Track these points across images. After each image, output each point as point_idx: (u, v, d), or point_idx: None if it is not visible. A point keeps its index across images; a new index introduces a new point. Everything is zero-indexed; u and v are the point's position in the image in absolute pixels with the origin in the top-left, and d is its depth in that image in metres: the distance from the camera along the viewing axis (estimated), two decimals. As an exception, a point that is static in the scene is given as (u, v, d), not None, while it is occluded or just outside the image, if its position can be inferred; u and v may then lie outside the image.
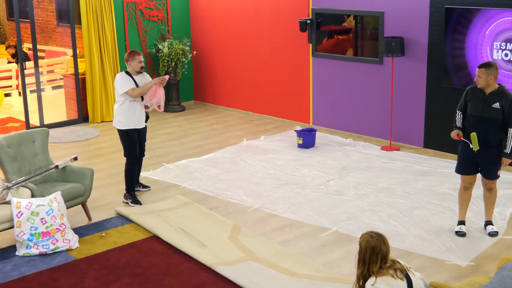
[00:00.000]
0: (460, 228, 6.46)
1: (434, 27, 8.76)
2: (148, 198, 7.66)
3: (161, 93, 7.37)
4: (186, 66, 12.26)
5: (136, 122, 7.41)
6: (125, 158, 7.58)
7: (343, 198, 7.51)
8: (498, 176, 6.35)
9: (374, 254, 4.03)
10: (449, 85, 8.68)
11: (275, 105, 11.18)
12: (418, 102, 9.15)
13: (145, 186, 7.96)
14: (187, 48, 11.83)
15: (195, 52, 12.25)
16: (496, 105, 6.10)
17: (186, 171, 8.57)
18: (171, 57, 11.62)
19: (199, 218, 6.99)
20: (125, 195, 7.56)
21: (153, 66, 12.00)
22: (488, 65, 6.12)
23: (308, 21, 10.18)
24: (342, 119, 10.18)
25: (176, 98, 12.12)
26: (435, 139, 9.08)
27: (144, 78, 7.45)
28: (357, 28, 10.00)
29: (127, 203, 7.49)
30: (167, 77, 7.41)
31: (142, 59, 7.35)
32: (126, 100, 7.31)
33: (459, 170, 6.48)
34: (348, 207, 7.24)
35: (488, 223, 6.50)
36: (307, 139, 9.50)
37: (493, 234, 6.40)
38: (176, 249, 6.27)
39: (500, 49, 8.05)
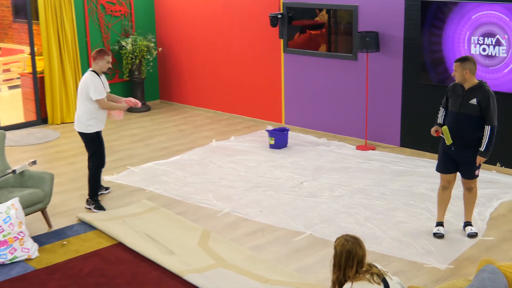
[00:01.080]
0: (438, 230, 6.54)
1: (410, 21, 8.85)
2: (112, 203, 7.62)
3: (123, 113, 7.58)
4: (151, 64, 12.22)
5: (103, 123, 7.44)
6: (87, 162, 7.54)
7: (317, 201, 7.55)
8: (477, 176, 6.44)
9: (349, 258, 4.05)
10: (426, 82, 8.78)
11: (246, 104, 11.20)
12: (394, 100, 9.24)
13: (106, 188, 7.97)
14: (152, 44, 11.79)
15: (160, 48, 12.21)
16: (473, 101, 6.19)
17: (152, 175, 8.53)
18: (135, 54, 11.56)
19: (166, 223, 6.97)
20: (87, 200, 7.54)
21: (116, 64, 11.93)
22: (464, 59, 6.22)
23: (279, 16, 10.21)
24: (316, 118, 10.23)
25: (141, 98, 12.07)
26: (412, 137, 9.17)
27: (105, 79, 7.44)
28: (330, 23, 10.06)
29: (89, 209, 7.46)
30: (139, 104, 7.61)
31: (111, 60, 7.34)
32: (86, 104, 7.28)
33: (439, 168, 6.56)
34: (322, 210, 7.27)
35: (467, 224, 6.59)
36: (279, 139, 9.52)
37: (472, 235, 6.49)
38: (143, 257, 6.24)
39: (478, 43, 8.16)
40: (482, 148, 6.22)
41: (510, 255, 6.12)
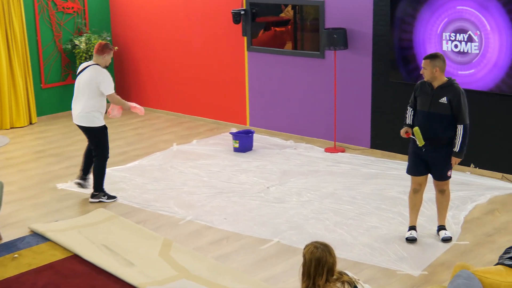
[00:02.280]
0: (411, 234, 6.61)
1: (379, 17, 8.94)
2: (66, 212, 7.55)
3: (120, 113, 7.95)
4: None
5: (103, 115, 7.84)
6: (92, 155, 7.88)
7: (284, 206, 7.57)
8: (449, 177, 6.53)
9: (319, 266, 4.07)
10: (397, 80, 8.87)
11: (208, 105, 11.19)
12: (363, 99, 9.32)
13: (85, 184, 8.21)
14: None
15: (116, 47, 12.13)
16: (444, 99, 6.28)
17: (109, 181, 8.47)
18: (89, 53, 11.48)
19: (125, 233, 6.93)
20: (95, 195, 7.82)
21: (69, 64, 11.83)
22: (433, 56, 6.30)
23: (242, 12, 10.23)
24: (282, 119, 10.27)
25: (96, 100, 11.98)
26: (383, 139, 9.26)
27: None
28: (296, 19, 10.11)
29: (100, 201, 7.79)
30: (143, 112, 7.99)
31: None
32: (103, 96, 7.63)
33: (410, 170, 6.63)
34: (290, 216, 7.30)
35: (441, 228, 6.67)
36: (244, 142, 9.53)
37: (446, 239, 6.57)
38: (100, 269, 6.19)
39: (450, 40, 8.28)
40: (456, 149, 6.30)
41: (485, 260, 6.21)
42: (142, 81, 12.14)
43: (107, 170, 8.82)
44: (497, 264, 4.61)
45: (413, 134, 6.43)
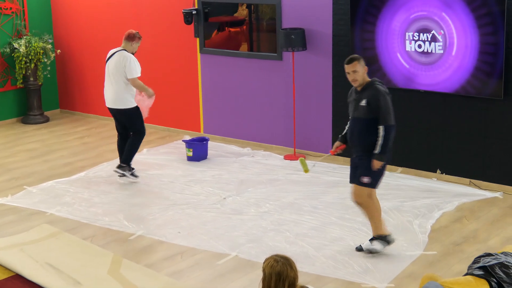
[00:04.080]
0: (360, 244, 6.69)
1: (338, 16, 9.02)
2: (7, 229, 7.46)
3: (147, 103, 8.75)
4: (49, 68, 12.02)
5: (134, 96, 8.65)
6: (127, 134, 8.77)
7: (242, 218, 7.58)
8: (364, 184, 6.43)
9: (280, 281, 4.08)
10: (358, 82, 8.94)
11: (159, 111, 11.15)
12: (324, 103, 9.38)
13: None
14: (49, 46, 11.61)
15: (59, 50, 12.03)
16: (363, 102, 6.39)
17: (53, 195, 8.39)
18: (30, 57, 11.36)
19: (71, 250, 6.87)
20: (121, 166, 8.67)
21: (7, 69, 11.69)
22: (359, 57, 6.43)
23: (194, 12, 10.24)
24: (238, 126, 10.28)
25: (38, 107, 11.86)
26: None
27: None
28: (251, 19, 10.15)
29: (123, 175, 8.63)
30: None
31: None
32: (124, 80, 8.47)
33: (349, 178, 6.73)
34: (248, 228, 7.31)
35: (371, 239, 6.66)
36: (197, 151, 9.52)
37: (363, 249, 6.59)
38: (44, 290, 6.13)
39: (413, 40, 8.39)
40: (376, 150, 6.32)
41: (454, 270, 6.29)
42: (87, 86, 12.04)
43: (50, 183, 8.79)
44: (466, 274, 4.67)
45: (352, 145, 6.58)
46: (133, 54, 8.60)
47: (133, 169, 8.75)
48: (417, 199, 7.91)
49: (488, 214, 7.57)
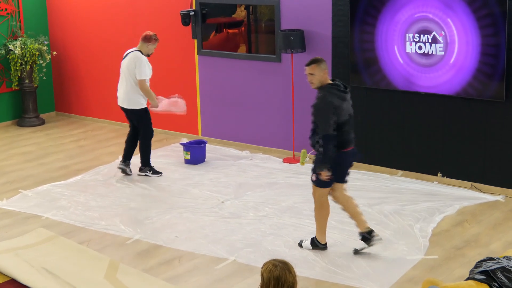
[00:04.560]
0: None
1: (338, 17, 9.03)
2: (2, 233, 7.45)
3: (179, 104, 9.24)
4: (45, 70, 12.02)
5: (145, 98, 8.96)
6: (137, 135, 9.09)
7: (241, 222, 7.58)
8: (313, 181, 6.68)
9: (278, 286, 4.08)
10: (359, 84, 8.96)
11: (156, 114, 11.12)
12: (323, 105, 9.37)
13: (130, 171, 9.14)
14: (45, 47, 11.61)
15: (55, 52, 12.03)
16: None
17: (48, 199, 8.39)
18: (25, 59, 11.36)
19: (67, 255, 6.86)
20: (142, 169, 9.07)
21: (2, 71, 11.69)
22: (319, 60, 6.60)
23: (192, 13, 10.24)
24: (237, 128, 10.29)
25: (33, 110, 11.86)
26: (345, 147, 9.33)
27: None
28: (249, 20, 10.16)
29: (145, 175, 9.01)
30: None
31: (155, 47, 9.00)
32: (135, 80, 8.79)
33: None
34: (247, 232, 7.31)
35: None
36: (195, 154, 9.52)
37: (301, 245, 6.87)
38: (40, 295, 6.13)
39: (414, 41, 8.40)
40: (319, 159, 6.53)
41: (455, 275, 6.30)
42: (84, 88, 12.05)
43: (45, 186, 8.79)
44: (468, 279, 4.68)
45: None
46: (148, 55, 8.88)
47: (150, 169, 9.08)
48: (418, 203, 7.92)
49: (490, 217, 7.58)
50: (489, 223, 7.43)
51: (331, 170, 6.45)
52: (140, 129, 9.07)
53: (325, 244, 6.81)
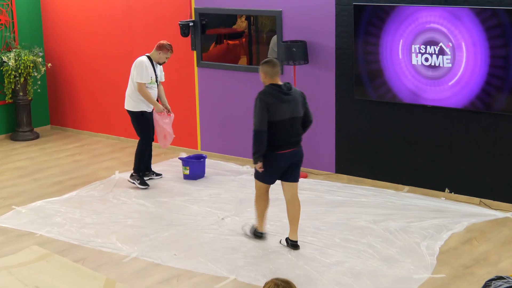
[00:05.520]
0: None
1: (342, 28, 9.05)
2: (-6, 251, 7.45)
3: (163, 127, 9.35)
4: (39, 83, 12.04)
5: (148, 105, 9.23)
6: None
7: (241, 239, 7.56)
8: (254, 173, 7.42)
9: (281, 306, 4.07)
10: (363, 97, 8.96)
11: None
12: (327, 119, 9.38)
13: (157, 174, 9.63)
14: (40, 59, 11.63)
15: (49, 64, 12.05)
16: None
17: (42, 215, 8.38)
18: (19, 71, 11.38)
19: (61, 273, 6.85)
20: (132, 175, 9.26)
21: (-4, 84, 11.72)
22: (264, 61, 7.30)
23: (191, 24, 10.26)
24: (237, 143, 10.28)
25: (27, 123, 11.87)
26: (349, 162, 9.33)
27: (160, 67, 9.39)
28: (250, 31, 10.17)
29: (133, 183, 9.17)
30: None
31: (169, 57, 9.27)
32: (135, 84, 9.09)
33: None
34: (248, 250, 7.29)
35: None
36: (195, 169, 9.52)
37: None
38: (33, 315, 6.12)
39: (420, 52, 8.41)
40: None
41: (464, 294, 6.28)
42: (79, 101, 12.06)
43: (39, 202, 8.78)
44: (477, 298, 4.67)
45: None
46: (159, 63, 9.23)
47: (139, 179, 9.22)
48: (425, 220, 7.90)
49: (499, 235, 7.57)
50: (499, 241, 7.41)
51: (262, 163, 7.11)
52: (137, 133, 9.37)
53: (262, 233, 7.48)
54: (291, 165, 7.22)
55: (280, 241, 7.39)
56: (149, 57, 9.20)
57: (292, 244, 7.24)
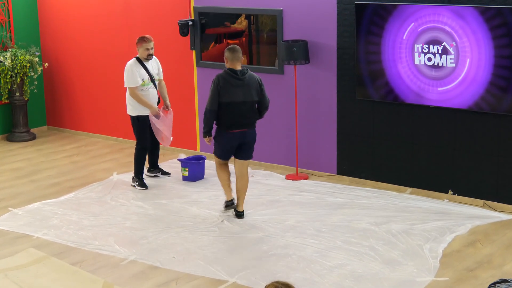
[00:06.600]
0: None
1: (343, 27, 9.05)
2: (-10, 254, 7.45)
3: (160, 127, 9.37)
4: (36, 83, 12.04)
5: (144, 109, 9.23)
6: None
7: (241, 242, 7.56)
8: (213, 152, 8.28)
9: (281, 309, 4.08)
10: (365, 98, 8.96)
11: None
12: (328, 120, 9.39)
13: (164, 173, 9.77)
14: (36, 59, 11.63)
15: (46, 64, 12.06)
16: None
17: (39, 217, 8.38)
18: (16, 71, 11.38)
19: (58, 276, 6.86)
20: (133, 178, 9.40)
21: (-8, 84, 11.72)
22: (227, 49, 8.02)
23: (190, 23, 10.26)
24: (237, 143, 10.28)
25: (24, 124, 11.87)
26: (351, 163, 9.33)
27: (157, 64, 9.42)
28: (250, 31, 10.18)
29: (133, 186, 9.32)
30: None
31: (151, 47, 9.18)
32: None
33: None
34: (248, 253, 7.29)
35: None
36: (194, 170, 9.52)
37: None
38: (30, 319, 6.11)
39: (423, 52, 8.41)
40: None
41: (467, 298, 6.28)
42: (77, 101, 12.06)
43: (36, 204, 8.79)
44: (481, 302, 4.67)
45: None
46: (148, 59, 9.20)
47: (137, 181, 9.33)
48: (428, 222, 7.90)
49: (503, 237, 7.56)
50: (503, 243, 7.41)
51: (210, 137, 8.07)
52: (136, 138, 9.48)
53: (231, 200, 8.28)
54: (242, 144, 8.10)
55: (223, 210, 8.28)
56: (138, 58, 9.24)
57: (237, 214, 8.16)
